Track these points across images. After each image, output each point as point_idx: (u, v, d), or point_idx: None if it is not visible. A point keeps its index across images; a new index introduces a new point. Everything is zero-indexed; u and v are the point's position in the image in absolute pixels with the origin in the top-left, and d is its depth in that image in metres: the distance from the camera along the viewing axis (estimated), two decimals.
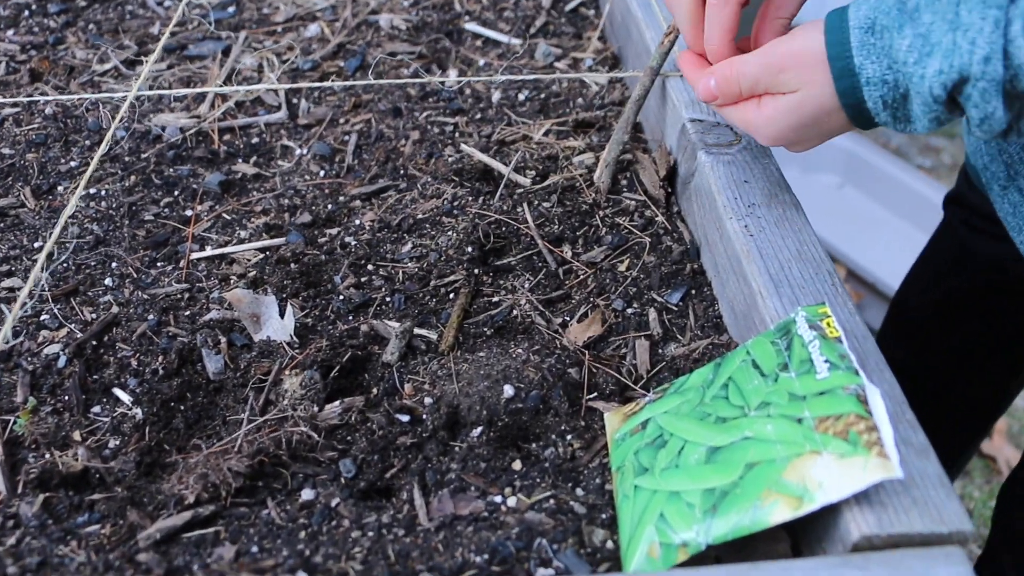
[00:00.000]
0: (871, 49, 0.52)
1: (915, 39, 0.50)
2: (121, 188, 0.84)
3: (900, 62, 0.51)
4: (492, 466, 0.56)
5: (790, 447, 0.47)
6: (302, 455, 0.57)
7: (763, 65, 0.58)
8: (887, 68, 0.52)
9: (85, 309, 0.71)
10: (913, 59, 0.50)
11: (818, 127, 0.58)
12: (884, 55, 0.52)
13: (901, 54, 0.51)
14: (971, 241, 0.95)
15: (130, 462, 0.58)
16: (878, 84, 0.53)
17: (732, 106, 0.62)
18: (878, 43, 0.52)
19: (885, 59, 0.52)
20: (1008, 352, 1.00)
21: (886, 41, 0.52)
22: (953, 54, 0.48)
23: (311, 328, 0.67)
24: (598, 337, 0.64)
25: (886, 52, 0.52)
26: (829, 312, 0.53)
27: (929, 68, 0.49)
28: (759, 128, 0.60)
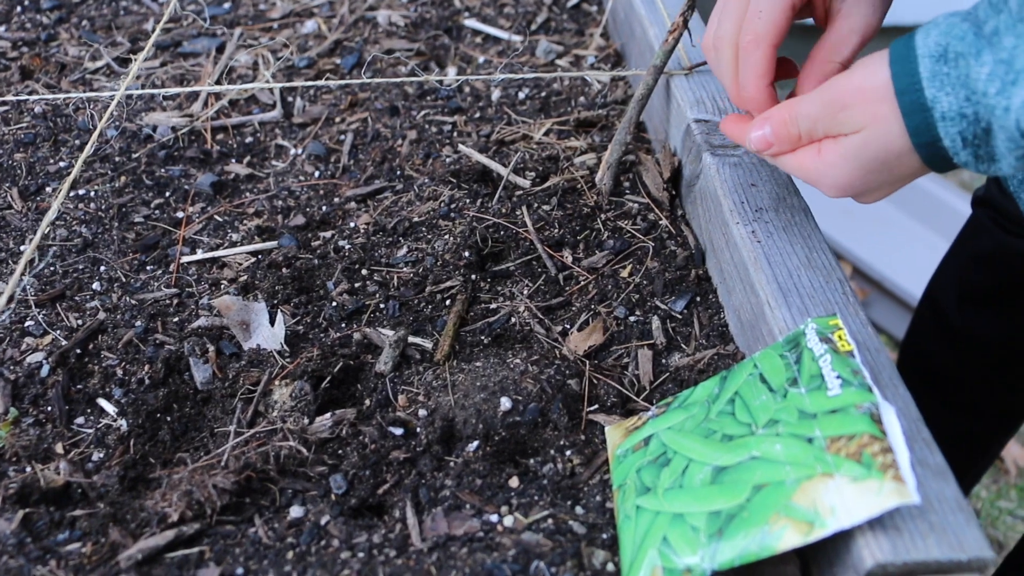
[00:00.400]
0: (944, 79, 0.46)
1: (996, 66, 0.44)
2: (111, 189, 0.82)
3: (980, 92, 0.45)
4: (488, 483, 0.53)
5: (800, 468, 0.45)
6: (291, 470, 0.55)
7: (822, 103, 0.51)
8: (965, 100, 0.46)
9: (71, 315, 0.69)
10: (995, 89, 0.44)
11: (888, 171, 0.51)
12: (961, 85, 0.46)
13: (981, 83, 0.45)
14: (1002, 239, 0.93)
15: (113, 476, 0.56)
16: (955, 119, 0.47)
17: (789, 154, 0.55)
18: (952, 72, 0.46)
19: (962, 90, 0.46)
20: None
21: (962, 69, 0.46)
22: None
23: (302, 336, 0.65)
24: (599, 346, 0.62)
25: (963, 82, 0.46)
26: (841, 324, 0.51)
27: (1015, 98, 0.43)
28: (822, 176, 0.53)
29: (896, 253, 2.00)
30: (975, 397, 1.06)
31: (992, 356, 1.02)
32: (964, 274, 1.02)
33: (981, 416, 1.09)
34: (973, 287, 1.00)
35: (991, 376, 1.04)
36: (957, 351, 1.04)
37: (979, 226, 0.98)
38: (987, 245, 0.96)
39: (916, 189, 2.13)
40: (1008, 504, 1.70)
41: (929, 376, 1.07)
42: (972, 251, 1.00)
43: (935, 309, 1.07)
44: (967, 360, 1.04)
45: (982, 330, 1.01)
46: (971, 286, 1.00)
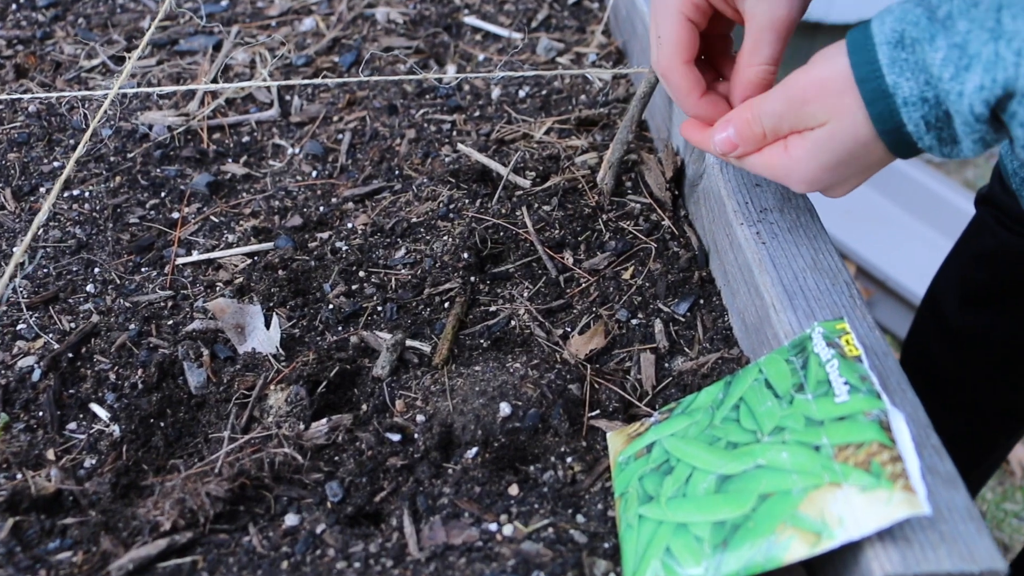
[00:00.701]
0: (904, 65, 0.46)
1: (950, 51, 0.44)
2: (105, 189, 0.81)
3: (936, 77, 0.45)
4: (487, 490, 0.52)
5: (807, 477, 0.43)
6: (286, 477, 0.54)
7: (784, 100, 0.51)
8: (924, 84, 0.46)
9: (64, 318, 0.68)
10: (949, 74, 0.44)
11: (856, 162, 0.51)
12: (919, 70, 0.46)
13: (936, 69, 0.45)
14: (1004, 237, 0.92)
15: (105, 484, 0.54)
16: (917, 103, 0.46)
17: (755, 153, 0.54)
18: (911, 57, 0.46)
19: (921, 74, 0.46)
20: None
21: (919, 54, 0.45)
22: (996, 67, 0.42)
23: (298, 339, 0.64)
24: (601, 350, 0.61)
25: (920, 67, 0.45)
26: (848, 328, 0.49)
27: (968, 83, 0.43)
28: (791, 172, 0.53)
29: (899, 252, 1.99)
30: (977, 397, 1.05)
31: (994, 356, 1.01)
32: (966, 272, 1.01)
33: (984, 417, 1.08)
34: (975, 286, 0.99)
35: (993, 376, 1.03)
36: (959, 351, 1.03)
37: (982, 225, 0.97)
38: (989, 244, 0.95)
39: (920, 188, 2.12)
40: (1014, 506, 1.69)
41: (931, 377, 1.06)
42: (974, 250, 0.99)
43: (936, 309, 1.06)
44: (969, 360, 1.03)
45: (984, 330, 1.00)
46: (973, 285, 1.00)
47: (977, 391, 1.05)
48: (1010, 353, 1.00)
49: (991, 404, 1.07)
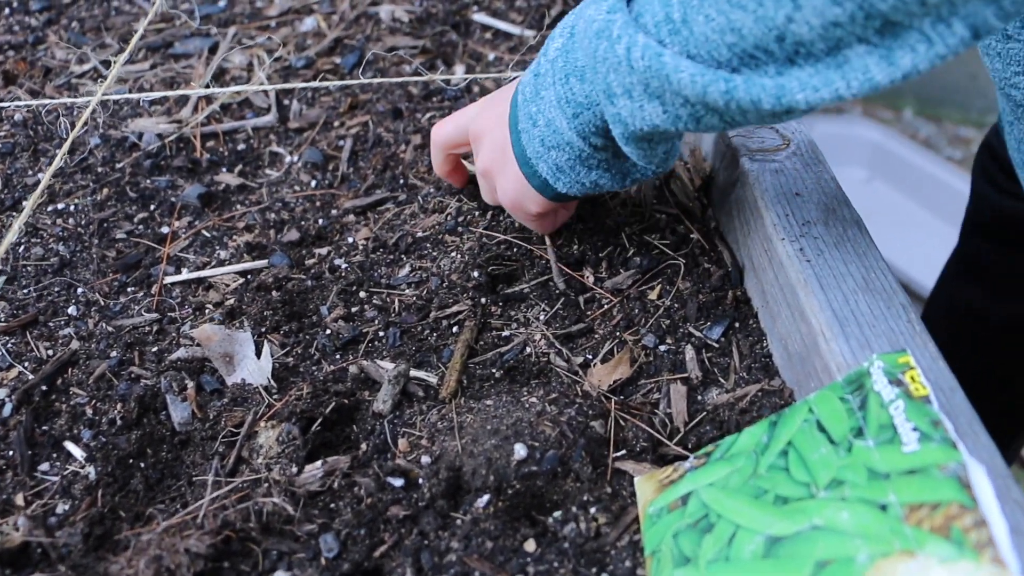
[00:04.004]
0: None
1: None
2: (92, 202, 0.75)
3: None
4: (500, 545, 0.46)
5: (873, 543, 0.37)
6: (276, 528, 0.48)
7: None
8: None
9: (42, 344, 0.62)
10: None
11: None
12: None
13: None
14: (996, 199, 0.89)
15: (77, 535, 0.49)
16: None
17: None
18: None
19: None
20: None
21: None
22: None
23: (292, 369, 0.58)
24: (626, 380, 0.55)
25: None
26: (913, 363, 0.43)
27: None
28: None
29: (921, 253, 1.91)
30: (983, 392, 0.99)
31: (996, 334, 0.95)
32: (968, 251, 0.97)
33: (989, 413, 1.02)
34: (976, 264, 0.95)
35: (1002, 354, 0.97)
36: (963, 331, 0.97)
37: (975, 190, 0.94)
38: (982, 210, 0.93)
39: (942, 185, 2.04)
40: None
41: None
42: (974, 223, 0.96)
43: (950, 303, 1.01)
44: (980, 349, 0.97)
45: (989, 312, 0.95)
46: (975, 263, 0.96)
47: (985, 385, 0.99)
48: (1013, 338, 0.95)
49: (1006, 387, 1.01)
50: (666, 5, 0.46)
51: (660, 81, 0.46)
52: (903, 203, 2.14)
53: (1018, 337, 0.95)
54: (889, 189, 2.20)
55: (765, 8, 0.41)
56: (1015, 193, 0.83)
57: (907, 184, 2.14)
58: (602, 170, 0.55)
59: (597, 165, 0.55)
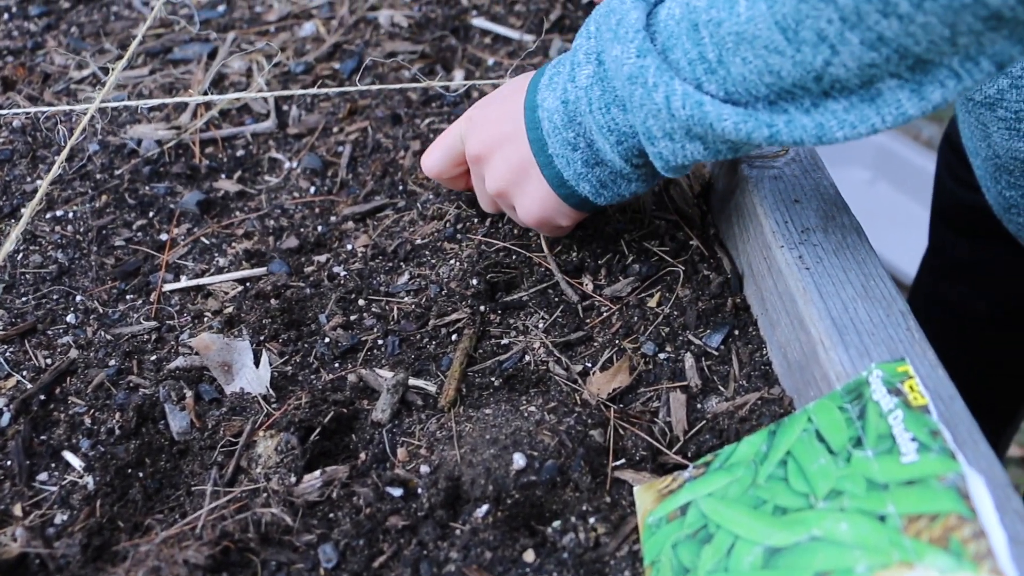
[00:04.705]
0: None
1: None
2: (90, 209, 0.75)
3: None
4: (499, 556, 0.46)
5: (872, 554, 0.37)
6: (275, 539, 0.48)
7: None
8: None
9: (40, 353, 0.62)
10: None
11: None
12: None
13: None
14: (956, 190, 0.90)
15: (75, 545, 0.49)
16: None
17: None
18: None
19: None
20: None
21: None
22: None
23: (291, 378, 0.58)
24: (625, 388, 0.55)
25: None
26: (912, 372, 0.43)
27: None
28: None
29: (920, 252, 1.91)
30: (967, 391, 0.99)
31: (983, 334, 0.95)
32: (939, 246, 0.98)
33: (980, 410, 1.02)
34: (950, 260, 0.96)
35: (987, 359, 0.97)
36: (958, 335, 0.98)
37: (939, 182, 0.95)
38: (948, 201, 0.94)
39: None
40: None
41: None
42: (938, 207, 0.97)
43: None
44: (967, 346, 0.97)
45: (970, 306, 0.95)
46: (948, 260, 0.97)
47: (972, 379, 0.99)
48: (997, 330, 0.95)
49: (992, 381, 1.01)
50: (697, 44, 0.46)
51: (703, 128, 0.47)
52: (906, 204, 2.13)
53: (997, 331, 0.95)
54: (892, 190, 2.19)
55: (803, 54, 0.42)
56: (974, 185, 0.83)
57: (910, 185, 2.13)
58: (641, 181, 0.56)
59: (638, 178, 0.55)
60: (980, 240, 0.90)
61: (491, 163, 0.59)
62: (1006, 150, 0.66)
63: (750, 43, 0.44)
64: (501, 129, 0.58)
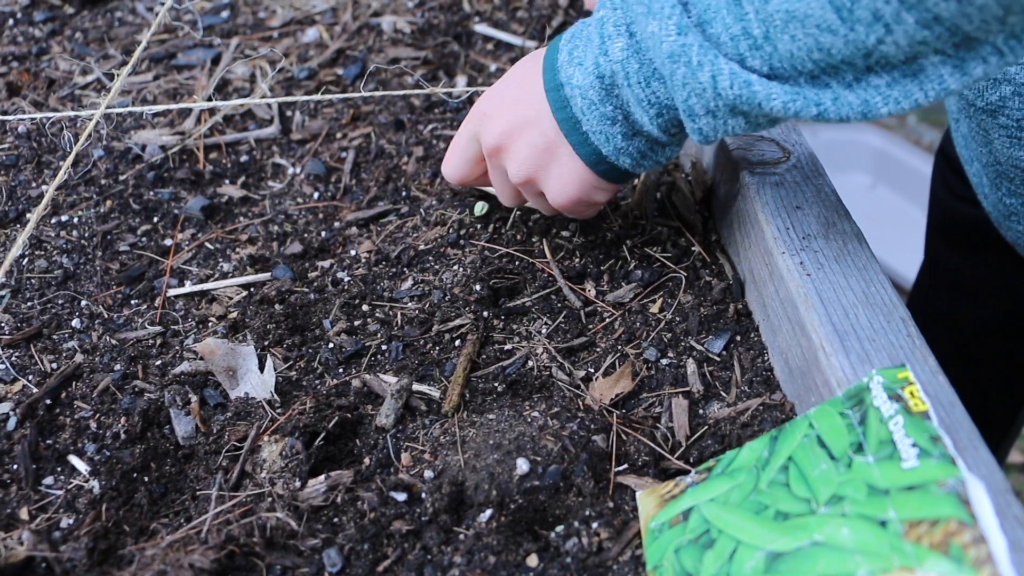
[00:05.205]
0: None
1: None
2: (95, 215, 0.76)
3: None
4: (503, 560, 0.47)
5: (873, 559, 0.37)
6: (280, 543, 0.49)
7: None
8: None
9: (46, 357, 0.63)
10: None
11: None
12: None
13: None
14: (952, 203, 0.90)
15: (81, 549, 0.49)
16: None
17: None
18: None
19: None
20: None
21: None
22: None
23: (295, 383, 0.58)
24: (627, 394, 0.55)
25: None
26: (912, 378, 0.43)
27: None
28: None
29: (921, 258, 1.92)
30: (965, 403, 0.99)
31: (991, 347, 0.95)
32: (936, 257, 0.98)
33: (984, 404, 1.02)
34: (949, 274, 0.96)
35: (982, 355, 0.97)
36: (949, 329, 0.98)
37: (934, 198, 0.95)
38: (940, 215, 0.94)
39: None
40: None
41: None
42: (936, 223, 0.96)
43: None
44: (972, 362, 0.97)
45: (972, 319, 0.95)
46: (947, 273, 0.96)
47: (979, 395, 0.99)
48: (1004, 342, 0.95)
49: (991, 387, 1.01)
50: (740, 19, 0.46)
51: (750, 107, 0.47)
52: (907, 209, 2.14)
53: (994, 342, 0.95)
54: (893, 195, 2.20)
55: (856, 33, 0.42)
56: (968, 198, 0.84)
57: (910, 190, 2.14)
58: (675, 146, 0.56)
59: (671, 143, 0.55)
60: (977, 253, 0.90)
61: (513, 151, 0.57)
62: (1007, 157, 0.66)
63: (801, 21, 0.43)
64: (520, 114, 0.56)
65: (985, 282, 0.91)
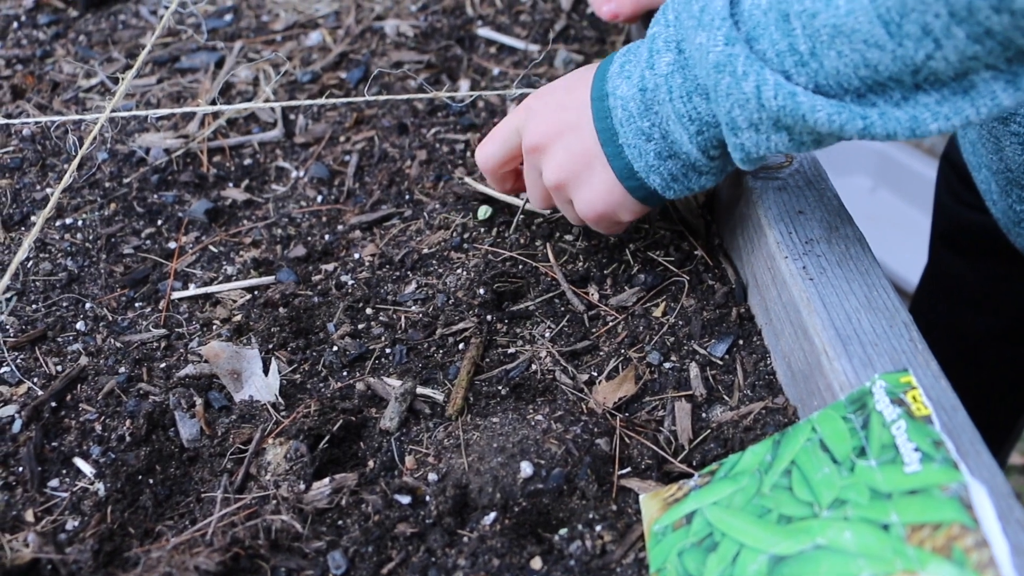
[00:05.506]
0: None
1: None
2: (99, 217, 0.76)
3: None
4: (507, 563, 0.47)
5: (876, 563, 0.38)
6: (285, 545, 0.49)
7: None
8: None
9: (51, 360, 0.63)
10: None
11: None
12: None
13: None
14: (957, 210, 0.90)
15: (87, 551, 0.49)
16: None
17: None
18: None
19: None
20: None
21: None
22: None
23: (299, 386, 0.58)
24: (631, 397, 0.55)
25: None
26: (915, 382, 0.44)
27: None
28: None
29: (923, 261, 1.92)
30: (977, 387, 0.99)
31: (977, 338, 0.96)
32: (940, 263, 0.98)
33: (986, 410, 1.02)
34: (954, 280, 0.96)
35: (985, 361, 0.98)
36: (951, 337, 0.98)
37: (938, 204, 0.95)
38: (950, 224, 0.94)
39: None
40: None
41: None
42: (940, 231, 0.96)
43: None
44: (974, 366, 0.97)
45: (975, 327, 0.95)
46: (951, 279, 0.96)
47: (978, 380, 0.99)
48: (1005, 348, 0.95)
49: (994, 391, 1.01)
50: (787, 35, 0.45)
51: (794, 119, 0.46)
52: (908, 212, 2.14)
53: (997, 348, 0.95)
54: (894, 198, 2.20)
55: (905, 48, 0.41)
56: (973, 204, 0.84)
57: (912, 193, 2.14)
58: (712, 175, 0.55)
59: (709, 171, 0.55)
60: (982, 259, 0.90)
61: (551, 153, 0.56)
62: (1018, 164, 0.66)
63: (848, 36, 0.43)
64: (563, 118, 0.56)
65: (990, 288, 0.91)
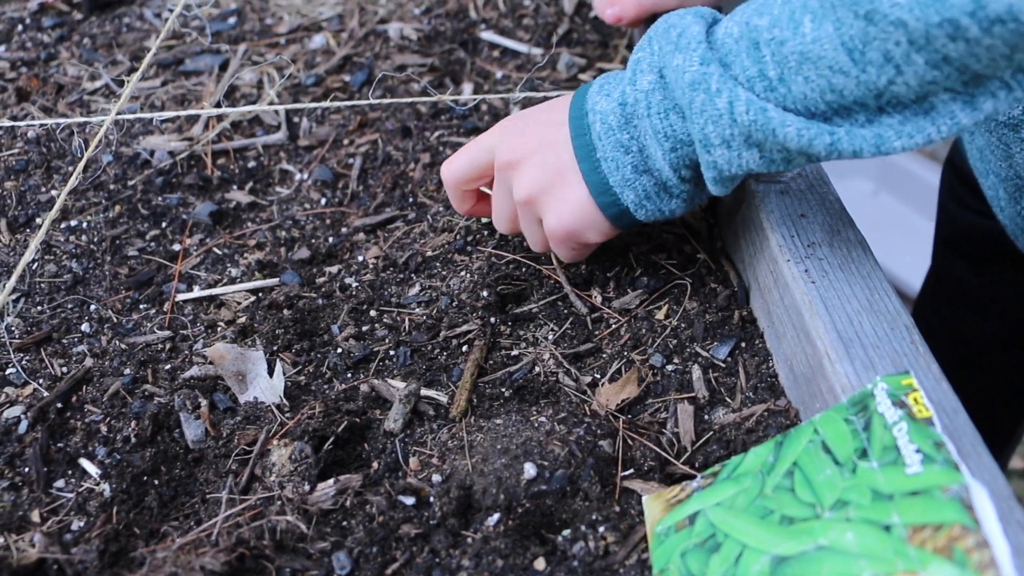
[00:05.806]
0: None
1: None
2: (104, 220, 0.76)
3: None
4: (510, 564, 0.47)
5: (877, 563, 0.38)
6: (290, 546, 0.49)
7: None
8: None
9: (56, 361, 0.63)
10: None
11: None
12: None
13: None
14: (962, 215, 0.90)
15: (92, 551, 0.50)
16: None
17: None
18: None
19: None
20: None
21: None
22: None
23: (304, 387, 0.59)
24: (633, 400, 0.55)
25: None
26: (916, 384, 0.44)
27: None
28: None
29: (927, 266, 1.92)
30: (980, 390, 0.99)
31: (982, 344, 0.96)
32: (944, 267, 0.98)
33: (990, 413, 1.02)
34: (946, 274, 0.97)
35: (989, 367, 0.98)
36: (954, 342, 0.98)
37: (943, 209, 0.95)
38: (950, 227, 0.94)
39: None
40: None
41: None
42: (944, 236, 0.97)
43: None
44: (964, 353, 0.98)
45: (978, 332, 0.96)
46: (943, 273, 0.97)
47: (982, 383, 0.99)
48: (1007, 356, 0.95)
49: (999, 394, 1.01)
50: (757, 61, 0.47)
51: (764, 134, 0.48)
52: (909, 215, 2.14)
53: (1000, 353, 0.95)
54: (895, 201, 2.20)
55: (868, 74, 0.44)
56: (978, 209, 0.84)
57: (913, 196, 2.14)
58: (682, 200, 0.56)
59: (679, 194, 0.56)
60: (987, 264, 0.91)
61: (524, 168, 0.57)
62: None
63: (814, 63, 0.45)
64: (540, 135, 0.57)
65: (995, 293, 0.92)
